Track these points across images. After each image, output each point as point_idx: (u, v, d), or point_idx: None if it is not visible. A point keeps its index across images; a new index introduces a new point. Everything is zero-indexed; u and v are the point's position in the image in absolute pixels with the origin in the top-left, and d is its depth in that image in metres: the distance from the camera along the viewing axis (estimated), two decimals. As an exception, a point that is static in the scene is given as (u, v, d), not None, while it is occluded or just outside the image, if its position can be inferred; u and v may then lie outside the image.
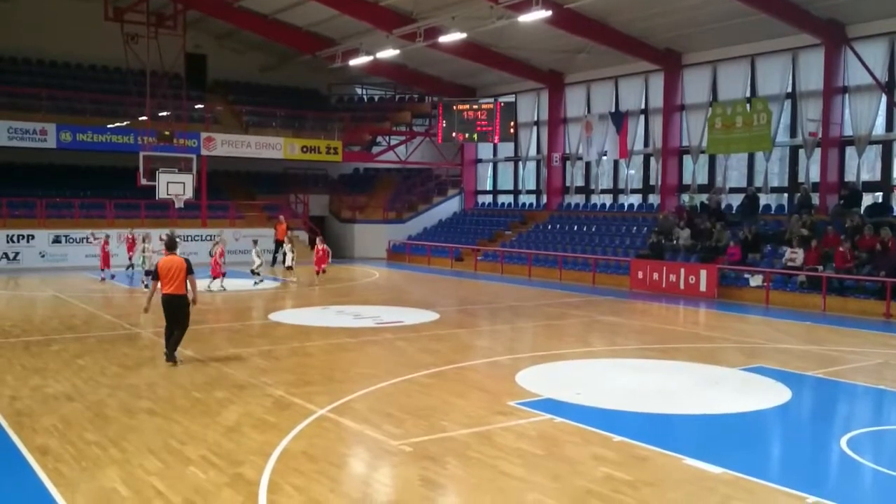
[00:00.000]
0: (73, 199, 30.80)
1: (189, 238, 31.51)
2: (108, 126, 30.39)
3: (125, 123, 30.73)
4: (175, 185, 28.32)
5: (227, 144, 32.30)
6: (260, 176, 37.18)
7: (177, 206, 29.07)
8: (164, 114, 30.85)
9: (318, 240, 25.74)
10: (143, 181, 28.24)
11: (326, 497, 6.80)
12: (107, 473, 7.31)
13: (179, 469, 7.45)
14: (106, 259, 24.71)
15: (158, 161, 28.65)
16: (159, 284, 11.85)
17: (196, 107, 34.15)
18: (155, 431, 8.67)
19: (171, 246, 12.25)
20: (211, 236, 31.80)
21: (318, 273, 24.71)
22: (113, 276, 24.99)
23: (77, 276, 26.18)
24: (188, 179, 28.78)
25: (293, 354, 13.37)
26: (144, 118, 30.05)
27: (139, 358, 12.78)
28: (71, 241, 29.63)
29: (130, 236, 26.13)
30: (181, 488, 6.92)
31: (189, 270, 11.89)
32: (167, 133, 29.19)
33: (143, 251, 23.92)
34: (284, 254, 26.28)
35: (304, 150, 34.11)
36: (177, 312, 11.95)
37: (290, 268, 25.39)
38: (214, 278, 22.03)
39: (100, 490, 6.89)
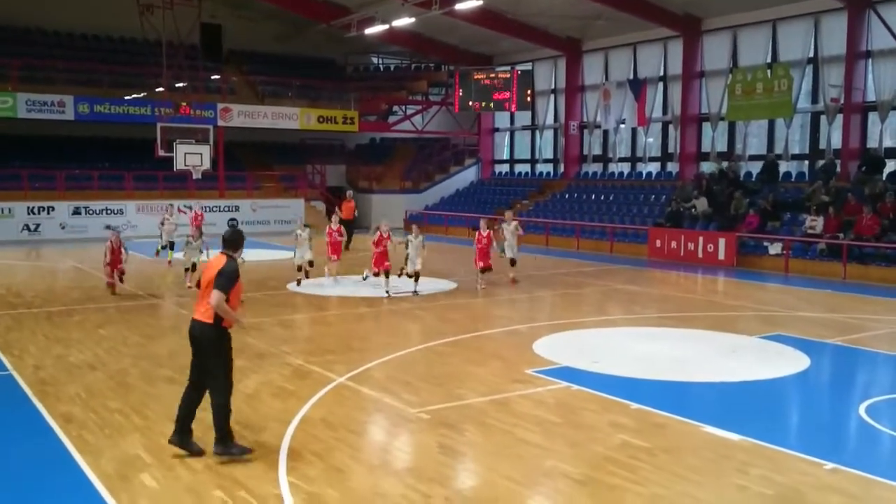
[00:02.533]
0: (93, 171, 30.96)
1: (207, 209, 31.65)
2: (126, 98, 30.44)
3: (142, 95, 30.76)
4: (192, 157, 28.36)
5: (244, 115, 32.26)
6: (277, 147, 37.17)
7: (194, 177, 29.15)
8: (181, 85, 30.83)
9: (333, 218, 19.64)
10: (161, 152, 28.31)
11: (346, 463, 6.88)
12: (129, 440, 7.42)
13: (200, 436, 7.52)
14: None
15: (176, 132, 28.68)
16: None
17: (212, 77, 34.10)
18: (176, 399, 8.66)
19: (229, 242, 7.17)
20: (229, 207, 32.00)
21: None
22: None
23: (98, 247, 26.34)
24: (205, 150, 28.80)
25: (312, 324, 13.44)
26: (161, 89, 30.05)
27: (160, 327, 12.92)
28: (91, 212, 29.82)
29: (199, 211, 24.44)
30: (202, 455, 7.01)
31: (221, 283, 6.81)
32: (184, 103, 29.19)
33: (164, 223, 22.54)
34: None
35: (321, 120, 34.02)
36: (198, 353, 7.09)
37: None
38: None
39: (123, 456, 7.00)
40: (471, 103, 32.54)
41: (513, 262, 18.08)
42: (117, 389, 9.16)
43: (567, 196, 31.15)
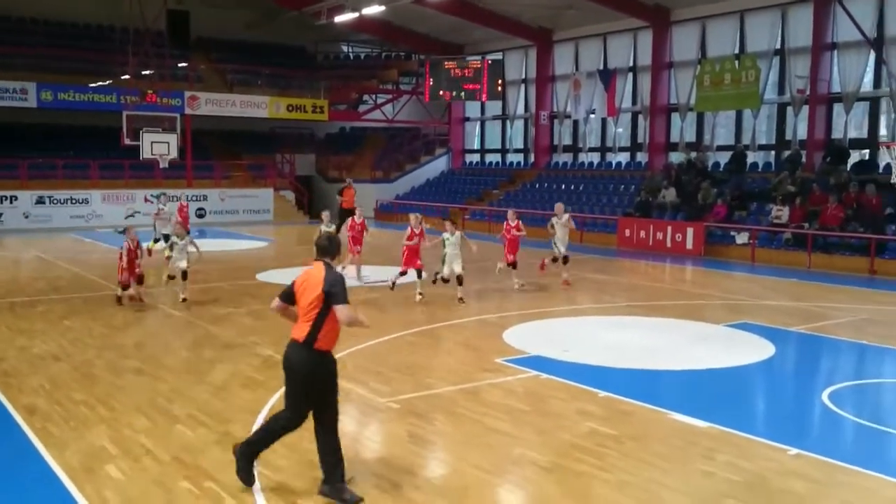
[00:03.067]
0: (57, 160, 30.46)
1: (175, 199, 31.28)
2: (90, 85, 29.97)
3: (107, 82, 30.30)
4: (159, 145, 28.01)
5: (212, 103, 31.90)
6: (245, 135, 36.81)
7: (161, 165, 28.80)
8: (147, 72, 30.41)
9: (357, 211, 18.68)
10: (127, 141, 27.93)
11: (315, 454, 6.82)
12: (95, 432, 7.33)
13: (167, 427, 7.48)
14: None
15: (142, 120, 28.30)
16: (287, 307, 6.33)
17: (179, 65, 33.66)
18: (142, 390, 8.69)
19: (325, 249, 6.15)
20: (197, 197, 31.68)
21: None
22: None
23: (62, 237, 26.00)
24: (172, 139, 28.46)
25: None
26: (127, 77, 29.61)
27: (126, 318, 12.76)
28: (55, 202, 29.38)
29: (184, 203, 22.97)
30: (169, 446, 6.95)
31: (330, 296, 5.83)
32: (151, 91, 28.80)
33: (158, 213, 20.67)
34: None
35: (290, 108, 33.76)
36: (289, 375, 6.16)
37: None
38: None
39: (89, 448, 6.91)
40: (441, 93, 32.45)
41: (566, 260, 16.50)
42: (82, 381, 9.04)
43: (537, 186, 31.24)
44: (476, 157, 37.70)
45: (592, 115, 30.43)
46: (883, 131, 23.42)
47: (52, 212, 29.18)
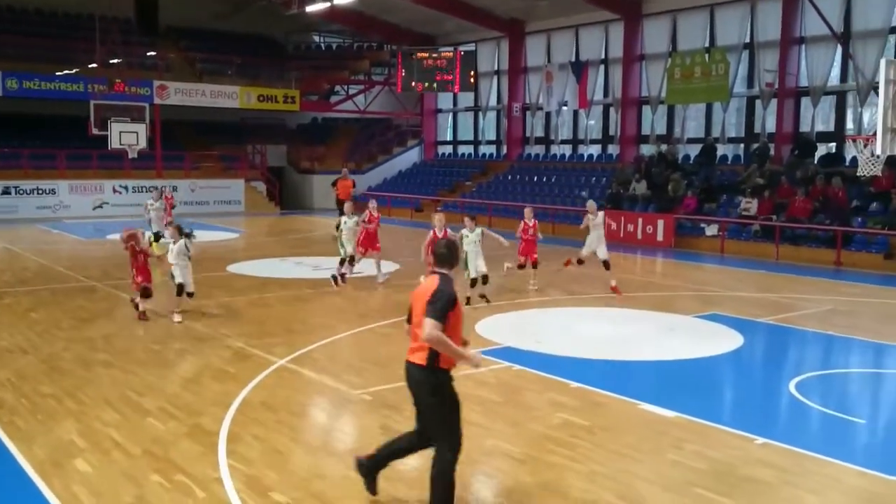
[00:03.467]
0: (23, 150, 29.96)
1: (144, 189, 30.96)
2: (57, 73, 29.48)
3: (74, 71, 29.82)
4: (128, 135, 27.67)
5: (181, 93, 31.54)
6: (216, 126, 36.42)
7: (130, 156, 28.45)
8: (115, 61, 29.99)
9: (371, 205, 16.40)
10: (95, 131, 27.54)
11: (287, 446, 6.83)
12: (63, 426, 7.25)
13: (137, 420, 7.42)
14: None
15: (110, 110, 27.93)
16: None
17: (148, 54, 33.21)
18: (112, 384, 8.60)
19: (444, 258, 5.63)
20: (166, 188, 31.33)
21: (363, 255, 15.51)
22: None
23: (28, 228, 25.60)
24: (141, 129, 28.13)
25: (252, 306, 13.29)
26: (94, 65, 29.18)
27: (94, 310, 12.61)
28: (21, 192, 28.94)
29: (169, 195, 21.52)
30: (139, 439, 6.90)
31: (434, 310, 5.26)
32: (119, 80, 28.41)
33: (148, 208, 19.35)
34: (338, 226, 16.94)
35: (261, 99, 33.49)
36: (418, 401, 5.64)
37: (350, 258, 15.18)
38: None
39: (57, 442, 6.83)
40: (413, 84, 32.34)
41: (607, 266, 14.62)
42: (50, 374, 8.92)
43: (510, 177, 31.30)
44: (448, 149, 37.68)
45: (564, 108, 30.53)
46: (850, 125, 23.76)
47: (18, 202, 28.73)
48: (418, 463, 6.02)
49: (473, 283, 13.09)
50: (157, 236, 18.63)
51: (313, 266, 17.48)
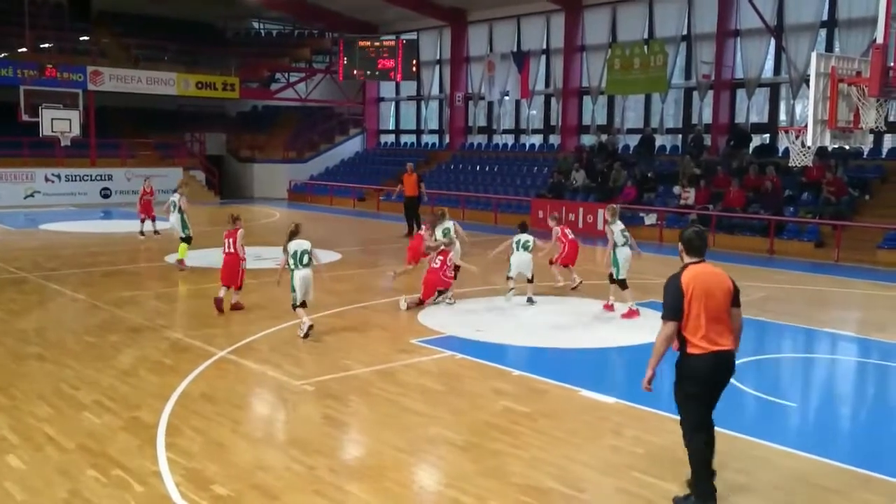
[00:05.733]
0: (-52, 136, 28.88)
1: (76, 178, 30.15)
2: (-16, 58, 28.47)
3: (2, 55, 28.80)
4: (60, 122, 26.90)
5: (116, 79, 30.69)
6: (153, 113, 35.58)
7: (63, 143, 27.66)
8: (46, 45, 29.06)
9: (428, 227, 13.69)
10: (25, 117, 26.69)
11: (227, 437, 6.75)
12: (-7, 421, 7.04)
13: (72, 414, 7.24)
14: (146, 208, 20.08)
15: (41, 96, 27.09)
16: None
17: (81, 39, 32.27)
18: (45, 377, 8.37)
19: (698, 248, 5.75)
20: (101, 176, 30.59)
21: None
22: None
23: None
24: (74, 116, 27.38)
25: (191, 297, 13.06)
26: (24, 50, 28.22)
27: (26, 303, 12.24)
28: (-53, 180, 27.88)
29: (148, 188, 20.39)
30: (74, 433, 6.73)
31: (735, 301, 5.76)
32: (50, 65, 27.56)
33: (174, 208, 16.09)
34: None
35: (199, 86, 32.81)
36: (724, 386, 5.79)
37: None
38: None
39: (-14, 438, 6.63)
40: (355, 72, 32.13)
41: (623, 285, 12.54)
42: (-21, 368, 8.64)
43: (452, 167, 31.34)
44: (391, 138, 37.53)
45: (506, 97, 30.67)
46: (783, 116, 24.40)
47: (-57, 191, 27.70)
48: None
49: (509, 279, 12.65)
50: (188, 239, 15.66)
51: (254, 256, 17.21)
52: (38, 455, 6.30)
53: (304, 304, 10.20)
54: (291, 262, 10.15)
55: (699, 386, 5.56)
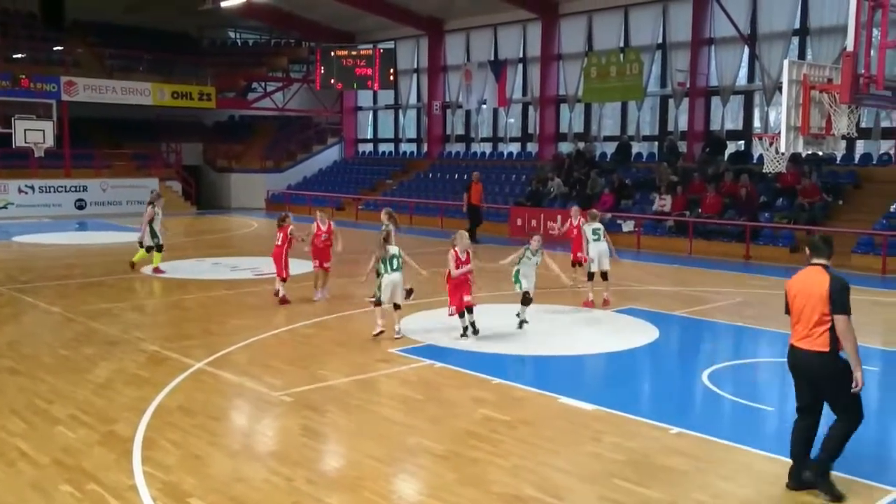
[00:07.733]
0: (-81, 148, 28.49)
1: (51, 189, 29.85)
2: (-45, 68, 28.14)
3: (-26, 65, 28.52)
4: (34, 133, 26.64)
5: (91, 89, 30.45)
6: (128, 123, 35.32)
7: (36, 154, 27.38)
8: (19, 55, 28.77)
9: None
10: (-2, 128, 26.42)
11: (205, 450, 6.68)
12: (-35, 437, 6.92)
13: (46, 429, 7.14)
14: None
15: (14, 107, 26.82)
16: None
17: (54, 48, 31.98)
18: (18, 391, 8.25)
19: (823, 250, 6.28)
20: (76, 187, 30.30)
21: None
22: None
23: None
24: (48, 127, 27.13)
25: (168, 308, 12.95)
26: (-5, 60, 27.96)
27: (-1, 316, 12.08)
28: (-83, 192, 27.49)
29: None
30: (48, 448, 6.63)
31: (844, 304, 5.99)
32: (23, 75, 27.29)
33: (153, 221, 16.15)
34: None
35: (175, 95, 32.64)
36: (813, 383, 6.05)
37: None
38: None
39: (-42, 455, 6.52)
40: (333, 81, 32.09)
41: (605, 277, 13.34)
42: (-49, 383, 8.50)
43: (430, 175, 31.36)
44: (369, 147, 37.50)
45: (484, 106, 30.76)
46: (757, 123, 24.64)
47: (-86, 203, 27.31)
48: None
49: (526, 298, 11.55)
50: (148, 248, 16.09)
51: (231, 267, 17.15)
52: (11, 470, 6.20)
53: (397, 307, 10.68)
54: (382, 266, 10.62)
55: (791, 375, 6.21)
